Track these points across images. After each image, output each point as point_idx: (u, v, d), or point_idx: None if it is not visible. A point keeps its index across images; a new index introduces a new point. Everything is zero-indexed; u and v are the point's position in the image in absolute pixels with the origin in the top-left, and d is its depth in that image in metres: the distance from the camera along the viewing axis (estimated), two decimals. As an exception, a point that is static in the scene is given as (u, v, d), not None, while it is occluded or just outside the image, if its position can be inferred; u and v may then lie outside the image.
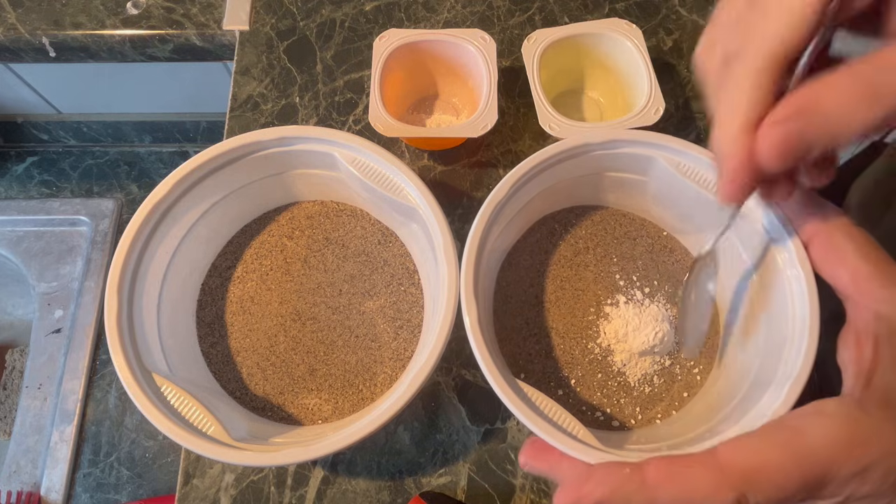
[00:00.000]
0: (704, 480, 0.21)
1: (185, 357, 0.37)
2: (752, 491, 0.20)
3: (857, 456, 0.20)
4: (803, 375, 0.27)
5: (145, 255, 0.34)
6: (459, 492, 0.39)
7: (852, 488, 0.20)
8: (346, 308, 0.39)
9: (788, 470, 0.20)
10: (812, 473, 0.20)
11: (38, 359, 0.73)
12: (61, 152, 0.84)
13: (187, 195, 0.35)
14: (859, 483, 0.20)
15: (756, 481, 0.20)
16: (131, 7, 0.53)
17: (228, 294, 0.39)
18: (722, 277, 0.35)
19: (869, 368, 0.22)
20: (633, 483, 0.22)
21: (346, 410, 0.37)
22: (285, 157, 0.37)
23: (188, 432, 0.30)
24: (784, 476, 0.20)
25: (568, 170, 0.34)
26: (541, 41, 0.42)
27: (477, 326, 0.29)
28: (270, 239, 0.41)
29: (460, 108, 0.48)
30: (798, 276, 0.28)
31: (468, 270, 0.30)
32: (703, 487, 0.20)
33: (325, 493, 0.38)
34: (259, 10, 0.52)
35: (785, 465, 0.20)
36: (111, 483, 0.70)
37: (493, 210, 0.32)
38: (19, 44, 0.53)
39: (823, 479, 0.20)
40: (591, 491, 0.22)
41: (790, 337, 0.28)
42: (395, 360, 0.38)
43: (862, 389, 0.22)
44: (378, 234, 0.41)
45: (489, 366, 0.28)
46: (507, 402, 0.28)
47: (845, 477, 0.20)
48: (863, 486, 0.20)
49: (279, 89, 0.49)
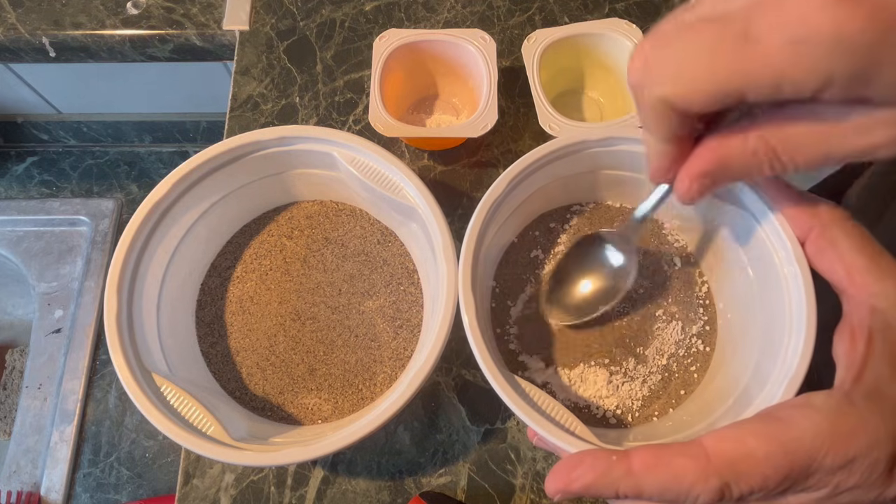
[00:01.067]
0: (689, 468, 0.21)
1: (185, 357, 0.37)
2: (737, 480, 0.20)
3: (842, 447, 0.20)
4: (800, 373, 0.27)
5: (144, 254, 0.34)
6: (459, 492, 0.39)
7: (839, 479, 0.20)
8: (346, 308, 0.39)
9: (774, 460, 0.20)
10: (798, 463, 0.20)
11: (38, 359, 0.73)
12: (61, 152, 0.84)
13: (187, 195, 0.35)
14: (846, 474, 0.20)
15: (741, 470, 0.20)
16: (131, 7, 0.53)
17: (228, 294, 0.39)
18: (718, 275, 0.35)
19: (861, 362, 0.22)
20: (619, 469, 0.22)
21: (346, 410, 0.37)
22: (285, 157, 0.37)
23: (188, 432, 0.30)
24: (770, 466, 0.20)
25: (565, 167, 0.34)
26: (541, 41, 0.42)
27: (475, 322, 0.29)
28: (270, 239, 0.41)
29: (460, 108, 0.48)
30: (795, 273, 0.28)
31: (466, 266, 0.30)
32: (688, 475, 0.21)
33: (325, 493, 0.38)
34: (259, 10, 0.52)
35: (771, 455, 0.20)
36: (111, 483, 0.70)
37: (491, 206, 0.32)
38: (19, 44, 0.53)
39: (809, 469, 0.20)
40: (579, 476, 0.23)
41: (787, 335, 0.28)
42: (395, 360, 0.38)
43: (852, 382, 0.22)
44: (377, 234, 0.41)
45: (486, 360, 0.28)
46: (504, 396, 0.28)
47: (830, 468, 0.20)
48: (850, 478, 0.20)
49: (279, 89, 0.49)
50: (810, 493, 0.21)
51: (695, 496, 0.20)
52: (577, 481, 0.23)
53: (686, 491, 0.21)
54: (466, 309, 0.30)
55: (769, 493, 0.20)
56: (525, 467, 0.39)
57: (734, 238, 0.33)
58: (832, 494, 0.20)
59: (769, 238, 0.30)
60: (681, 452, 0.21)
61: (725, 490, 0.20)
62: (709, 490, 0.20)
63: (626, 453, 0.22)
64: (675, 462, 0.21)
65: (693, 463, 0.21)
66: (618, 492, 0.22)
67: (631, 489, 0.22)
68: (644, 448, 0.22)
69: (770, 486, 0.20)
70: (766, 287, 0.31)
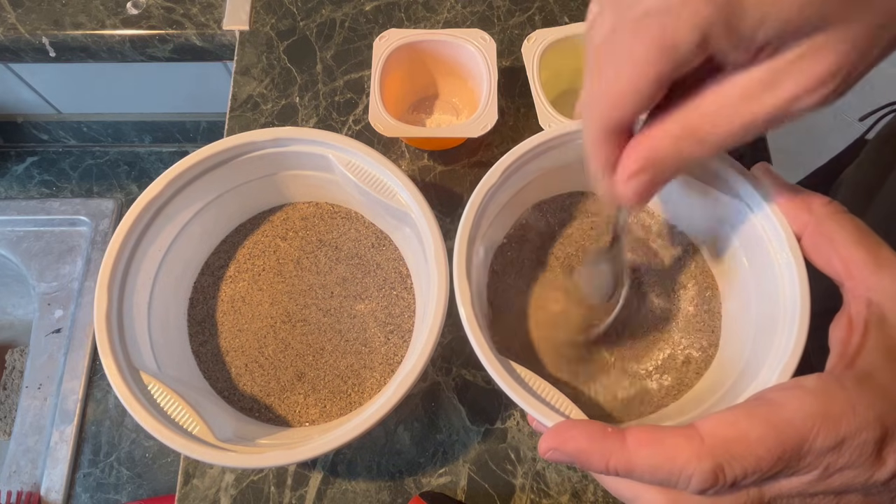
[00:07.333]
0: (683, 448, 0.21)
1: (175, 355, 0.37)
2: (731, 461, 0.20)
3: (832, 429, 0.20)
4: (794, 359, 0.27)
5: (137, 252, 0.34)
6: (459, 492, 0.39)
7: (829, 460, 0.20)
8: (337, 311, 0.39)
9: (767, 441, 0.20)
10: (790, 444, 0.20)
11: (38, 359, 0.73)
12: (61, 152, 0.84)
13: (181, 194, 0.35)
14: (836, 455, 0.20)
15: (735, 452, 0.20)
16: (131, 7, 0.53)
17: (220, 293, 0.39)
18: (714, 265, 0.36)
19: (854, 351, 0.22)
20: (613, 441, 0.22)
21: (335, 414, 0.37)
22: (280, 158, 0.37)
23: (172, 431, 0.30)
24: (763, 447, 0.20)
25: (561, 156, 0.34)
26: (541, 41, 0.42)
27: (470, 308, 0.29)
28: (264, 239, 0.41)
29: (460, 108, 0.48)
30: (788, 261, 0.28)
31: (461, 251, 0.30)
32: (682, 455, 0.21)
33: (325, 493, 0.38)
34: (259, 10, 0.52)
35: (763, 437, 0.20)
36: (111, 483, 0.70)
37: (486, 194, 0.32)
38: (19, 44, 0.53)
39: (801, 450, 0.20)
40: (572, 437, 0.23)
41: (781, 322, 0.29)
42: (385, 365, 0.38)
43: (844, 368, 0.22)
44: (372, 238, 0.40)
45: (480, 343, 0.28)
46: (497, 378, 0.28)
47: (820, 449, 0.20)
48: (839, 459, 0.20)
49: (279, 89, 0.49)
50: (801, 476, 0.21)
51: (687, 476, 0.20)
52: (569, 442, 0.23)
53: (679, 470, 0.21)
54: (461, 291, 0.30)
55: (763, 475, 0.20)
56: (525, 467, 0.39)
57: (730, 227, 0.33)
58: (823, 476, 0.20)
59: (763, 227, 0.30)
60: (675, 433, 0.21)
61: (719, 472, 0.20)
62: (702, 471, 0.20)
63: (620, 430, 0.22)
64: (668, 441, 0.21)
65: (687, 443, 0.21)
66: (608, 464, 0.22)
67: (623, 464, 0.22)
68: (638, 427, 0.22)
69: (763, 467, 0.20)
70: (760, 275, 0.31)
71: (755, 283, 0.32)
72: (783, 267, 0.29)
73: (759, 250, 0.31)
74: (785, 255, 0.29)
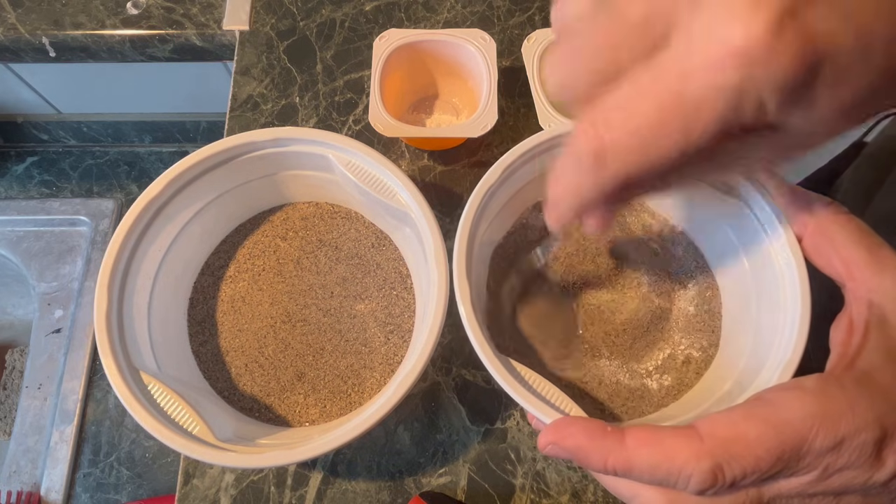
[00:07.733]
0: (682, 447, 0.21)
1: (175, 355, 0.37)
2: (730, 461, 0.20)
3: (831, 429, 0.20)
4: (795, 359, 0.27)
5: (137, 252, 0.34)
6: (459, 492, 0.39)
7: (828, 461, 0.20)
8: (338, 311, 0.39)
9: (766, 441, 0.20)
10: (789, 444, 0.20)
11: (38, 359, 0.73)
12: (61, 152, 0.84)
13: (181, 194, 0.35)
14: (835, 456, 0.20)
15: (734, 452, 0.20)
16: (131, 7, 0.53)
17: (220, 293, 0.39)
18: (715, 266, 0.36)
19: (854, 352, 0.22)
20: (612, 439, 0.22)
21: (335, 414, 0.37)
22: (280, 158, 0.37)
23: (172, 431, 0.30)
24: (762, 448, 0.20)
25: None
26: (541, 41, 0.42)
27: (470, 307, 0.29)
28: (264, 239, 0.41)
29: (460, 108, 0.48)
30: (789, 262, 0.28)
31: (461, 250, 0.30)
32: (681, 455, 0.21)
33: (326, 493, 0.38)
34: (259, 10, 0.52)
35: (763, 437, 0.20)
36: (111, 483, 0.70)
37: (486, 194, 0.32)
38: (19, 44, 0.53)
39: (800, 450, 0.20)
40: (572, 433, 0.23)
41: (782, 322, 0.29)
42: (385, 365, 0.38)
43: (843, 369, 0.22)
44: (372, 238, 0.40)
45: (479, 341, 0.28)
46: (497, 376, 0.28)
47: (820, 449, 0.20)
48: (839, 459, 0.20)
49: (279, 89, 0.49)
50: (801, 477, 0.21)
51: (686, 476, 0.20)
52: (569, 438, 0.23)
53: (678, 470, 0.20)
54: (460, 288, 0.30)
55: (762, 475, 0.20)
56: (525, 467, 0.39)
57: (730, 227, 0.33)
58: (822, 477, 0.20)
59: (763, 228, 0.30)
60: (674, 433, 0.21)
61: (718, 472, 0.20)
62: (701, 471, 0.20)
63: (620, 428, 0.22)
64: (667, 441, 0.21)
65: (686, 443, 0.21)
66: (607, 463, 0.22)
67: (621, 463, 0.22)
68: (637, 427, 0.22)
69: (763, 467, 0.20)
70: (760, 275, 0.31)
71: (755, 284, 0.32)
72: (783, 267, 0.29)
73: (760, 250, 0.31)
74: (785, 255, 0.29)
